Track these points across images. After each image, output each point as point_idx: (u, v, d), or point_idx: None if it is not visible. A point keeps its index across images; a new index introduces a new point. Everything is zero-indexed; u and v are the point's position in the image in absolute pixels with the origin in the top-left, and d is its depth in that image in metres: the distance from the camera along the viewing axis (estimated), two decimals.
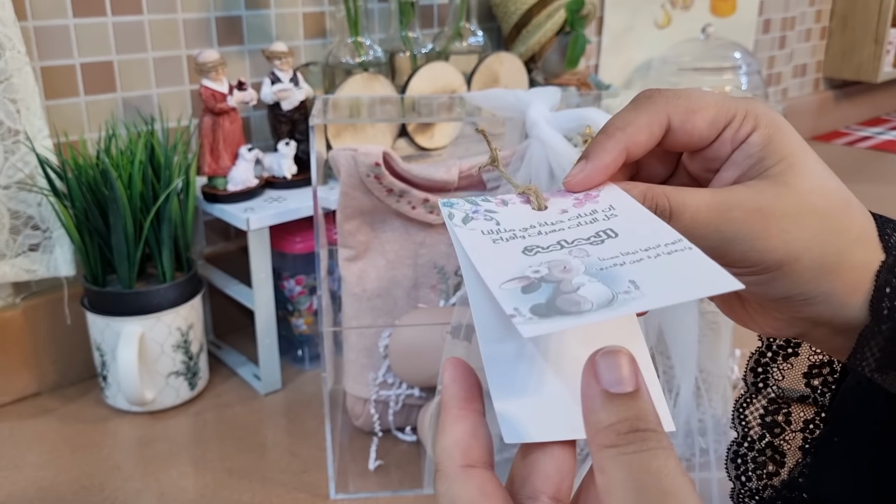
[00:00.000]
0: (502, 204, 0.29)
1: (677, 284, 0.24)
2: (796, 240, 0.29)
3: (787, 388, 0.36)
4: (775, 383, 0.36)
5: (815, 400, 0.35)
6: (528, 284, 0.24)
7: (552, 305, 0.24)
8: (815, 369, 0.35)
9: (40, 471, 0.86)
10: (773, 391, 0.36)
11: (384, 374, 0.88)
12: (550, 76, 1.35)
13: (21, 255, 0.95)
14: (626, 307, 0.23)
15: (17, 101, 0.90)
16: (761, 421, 0.36)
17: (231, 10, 1.10)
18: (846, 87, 2.34)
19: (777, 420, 0.36)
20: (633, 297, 0.24)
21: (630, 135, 0.30)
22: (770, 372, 0.36)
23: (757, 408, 0.36)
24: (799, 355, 0.35)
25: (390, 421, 0.90)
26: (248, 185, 0.99)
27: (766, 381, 0.36)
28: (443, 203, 0.29)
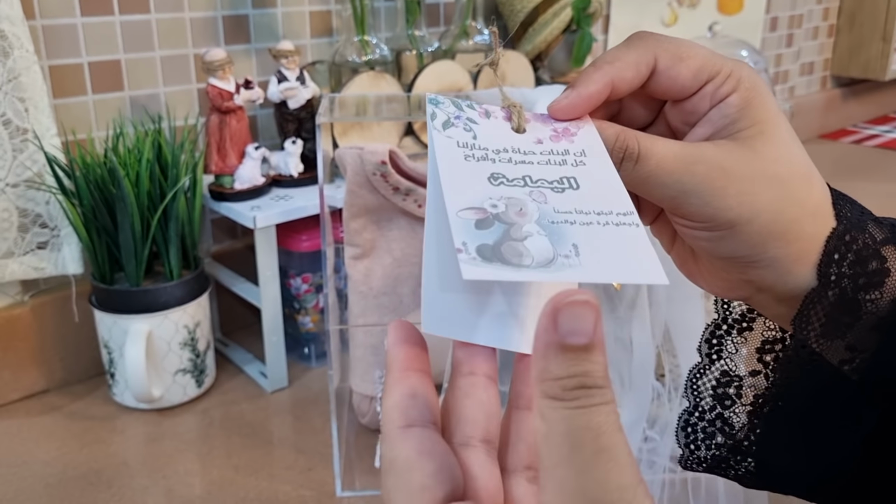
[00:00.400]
0: (484, 115, 0.30)
1: (612, 263, 0.25)
2: (752, 203, 0.30)
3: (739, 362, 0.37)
4: (728, 356, 0.37)
5: (766, 375, 0.36)
6: (483, 219, 0.25)
7: (497, 250, 0.24)
8: (768, 345, 0.36)
9: (48, 467, 0.86)
10: (725, 364, 0.37)
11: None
12: (557, 74, 1.35)
13: (29, 253, 0.95)
14: (560, 273, 0.24)
15: (25, 99, 0.90)
16: (713, 392, 0.37)
17: (238, 8, 1.10)
18: (854, 85, 2.33)
19: (728, 392, 0.36)
20: (571, 264, 0.24)
21: (617, 69, 0.31)
22: (724, 345, 0.37)
23: (710, 379, 0.37)
24: (753, 330, 0.36)
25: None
26: (254, 184, 0.99)
27: (720, 353, 0.37)
28: (429, 98, 0.29)
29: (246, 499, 0.81)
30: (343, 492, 0.82)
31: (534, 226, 0.25)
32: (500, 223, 0.25)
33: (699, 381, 0.37)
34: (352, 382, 0.91)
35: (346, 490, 0.82)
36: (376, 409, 0.90)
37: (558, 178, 0.28)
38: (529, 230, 0.25)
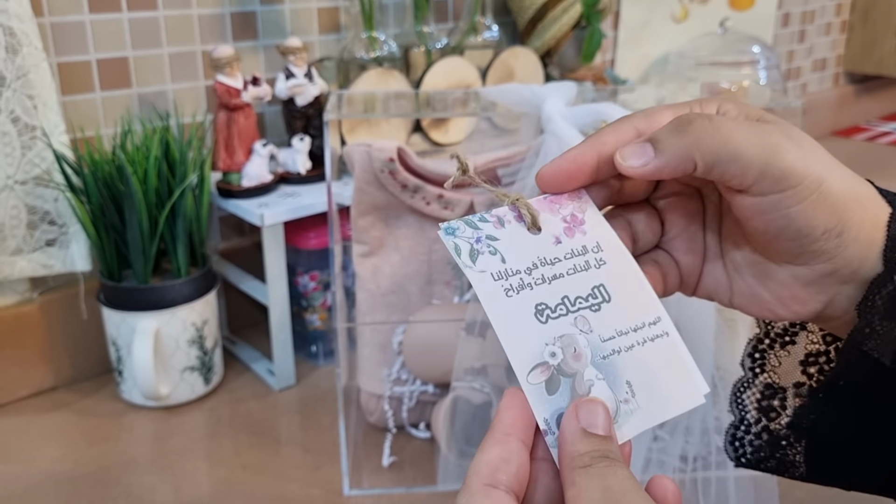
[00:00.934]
0: (499, 224, 0.31)
1: (665, 397, 0.29)
2: (825, 164, 0.30)
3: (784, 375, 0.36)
4: (772, 369, 0.37)
5: (810, 387, 0.36)
6: (549, 379, 0.28)
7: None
8: (812, 357, 0.36)
9: (57, 464, 0.86)
10: (769, 377, 0.37)
11: (398, 371, 0.88)
12: (566, 71, 1.34)
13: (38, 251, 0.95)
14: (627, 426, 0.29)
15: (33, 96, 0.90)
16: (757, 405, 0.37)
17: (245, 5, 1.10)
18: (867, 81, 2.31)
19: (773, 405, 0.36)
20: (632, 409, 0.29)
21: (606, 139, 0.31)
22: (767, 358, 0.37)
23: (754, 392, 0.37)
24: (796, 343, 0.36)
25: (404, 417, 0.90)
26: (262, 181, 0.99)
27: (763, 366, 0.37)
28: (445, 232, 0.30)
29: (254, 497, 0.81)
30: (351, 490, 0.82)
31: (591, 370, 0.29)
32: (564, 377, 0.28)
33: (743, 394, 0.37)
34: (359, 381, 0.91)
35: (354, 489, 0.82)
36: (384, 407, 0.89)
37: (590, 289, 0.30)
38: (590, 377, 0.29)
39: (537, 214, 0.31)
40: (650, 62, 1.68)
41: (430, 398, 0.89)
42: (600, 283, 0.31)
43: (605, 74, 1.35)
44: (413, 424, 0.91)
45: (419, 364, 0.86)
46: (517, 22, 1.35)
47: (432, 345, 0.84)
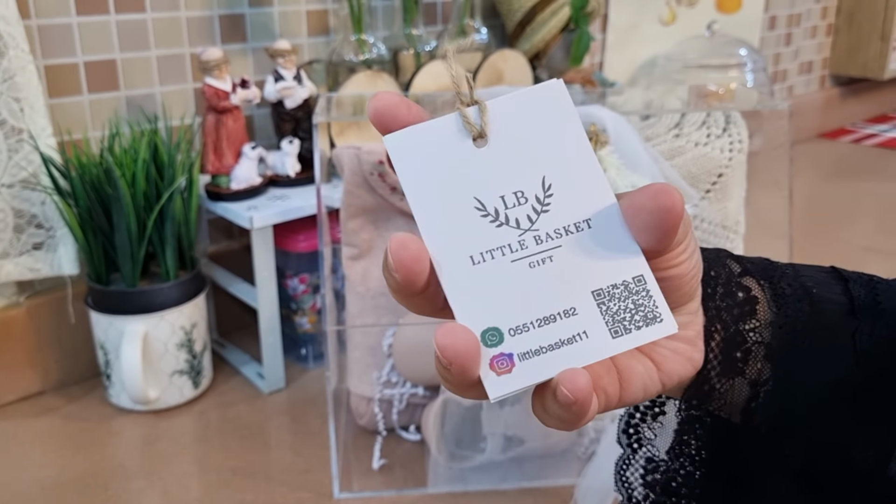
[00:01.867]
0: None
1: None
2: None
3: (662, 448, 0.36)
4: (649, 442, 0.36)
5: (690, 455, 0.34)
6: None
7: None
8: (686, 425, 0.34)
9: (44, 469, 0.86)
10: (648, 450, 0.36)
11: (388, 373, 0.88)
12: (555, 73, 1.35)
13: (25, 254, 0.95)
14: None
15: (20, 99, 0.89)
16: (643, 481, 0.36)
17: (234, 7, 1.09)
18: (852, 84, 2.33)
19: (657, 479, 0.35)
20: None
21: None
22: (642, 432, 0.36)
23: (637, 468, 0.36)
24: (666, 413, 0.35)
25: (394, 420, 0.90)
26: (251, 184, 0.99)
27: (640, 441, 0.36)
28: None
29: (243, 501, 0.80)
30: (341, 493, 0.82)
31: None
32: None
33: (626, 472, 0.36)
34: (349, 383, 0.90)
35: (344, 492, 0.82)
36: (374, 409, 0.89)
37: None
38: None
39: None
40: (638, 65, 1.68)
41: (420, 400, 0.89)
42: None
43: (593, 77, 1.36)
44: (403, 427, 0.91)
45: (409, 366, 0.86)
46: (506, 25, 1.35)
47: (422, 347, 0.84)
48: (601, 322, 0.26)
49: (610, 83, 1.40)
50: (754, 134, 0.93)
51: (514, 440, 0.83)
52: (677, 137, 0.83)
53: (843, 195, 1.76)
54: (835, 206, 1.69)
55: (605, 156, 0.70)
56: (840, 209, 1.67)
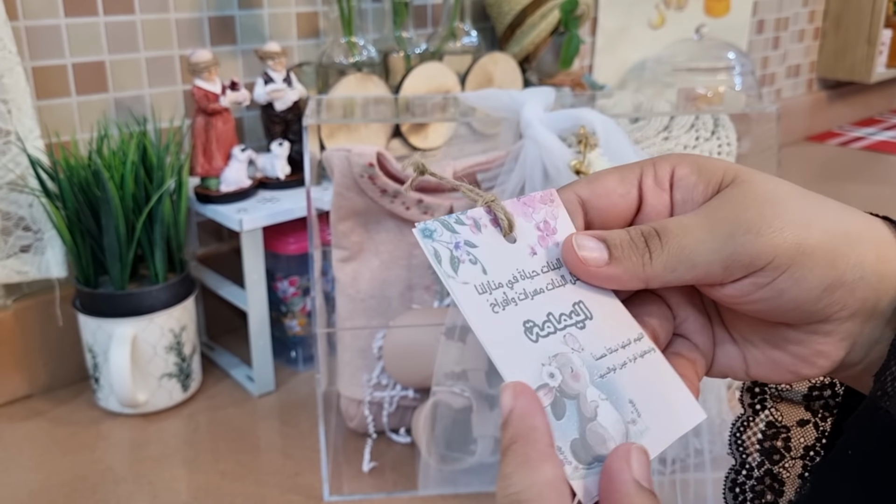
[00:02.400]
0: (475, 228, 0.29)
1: (667, 416, 0.29)
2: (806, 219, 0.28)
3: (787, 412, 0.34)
4: (773, 405, 0.34)
5: (815, 425, 0.33)
6: (554, 402, 0.27)
7: (586, 444, 0.27)
8: (816, 391, 0.33)
9: (32, 473, 0.85)
10: (771, 414, 0.34)
11: (378, 376, 0.88)
12: (545, 76, 1.35)
13: (12, 257, 0.94)
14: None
15: (7, 101, 0.89)
16: (759, 447, 0.34)
17: (224, 9, 1.09)
18: (839, 87, 2.35)
19: (776, 446, 0.34)
20: (641, 431, 0.28)
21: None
22: (768, 391, 0.34)
23: (755, 432, 0.34)
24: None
25: (384, 422, 0.89)
26: (241, 186, 0.99)
27: (764, 402, 0.34)
28: (422, 234, 0.28)
29: None
30: (331, 496, 0.81)
31: (593, 390, 0.28)
32: (568, 399, 0.27)
33: (743, 434, 0.34)
34: (339, 386, 0.90)
35: (334, 495, 0.82)
36: (364, 412, 0.89)
37: (571, 306, 0.29)
38: (593, 398, 0.28)
39: (513, 219, 0.30)
40: (628, 68, 1.69)
41: (411, 403, 0.89)
42: (579, 299, 0.30)
43: (583, 80, 1.36)
44: (393, 429, 0.91)
45: (399, 369, 0.86)
46: (496, 27, 1.36)
47: (412, 349, 0.84)
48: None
49: (599, 86, 1.40)
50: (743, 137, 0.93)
51: None
52: (666, 140, 0.83)
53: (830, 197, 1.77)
54: None
55: (594, 159, 0.71)
56: None
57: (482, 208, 0.30)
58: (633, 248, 0.28)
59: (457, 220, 0.29)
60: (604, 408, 0.27)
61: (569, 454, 0.26)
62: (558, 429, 0.26)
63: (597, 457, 0.26)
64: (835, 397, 0.33)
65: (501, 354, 0.27)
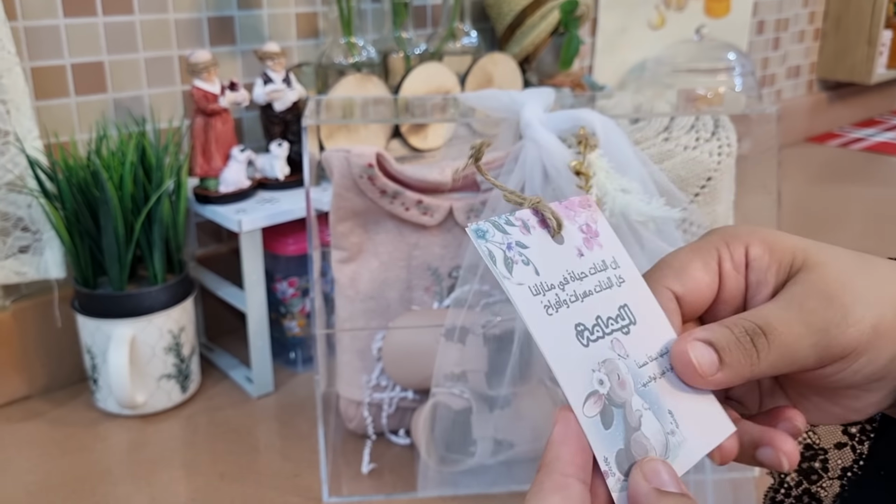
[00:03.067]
0: (525, 229, 0.29)
1: (702, 428, 0.29)
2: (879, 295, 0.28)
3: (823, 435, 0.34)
4: (811, 429, 0.35)
5: (853, 447, 0.34)
6: (603, 410, 0.27)
7: (629, 454, 0.27)
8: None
9: (30, 475, 0.85)
10: (808, 437, 0.35)
11: (377, 377, 0.88)
12: (544, 77, 1.35)
13: (11, 258, 0.94)
14: (679, 460, 0.27)
15: (6, 101, 0.89)
16: (797, 467, 0.35)
17: (223, 10, 1.09)
18: (840, 88, 2.34)
19: (814, 467, 0.34)
20: (679, 442, 0.28)
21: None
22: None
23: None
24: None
25: (384, 424, 0.89)
26: (240, 187, 0.98)
27: None
28: (475, 234, 0.28)
29: None
30: (330, 497, 0.81)
31: (637, 399, 0.28)
32: (616, 408, 0.27)
33: None
34: (338, 387, 0.90)
35: (333, 496, 0.82)
36: (363, 413, 0.89)
37: (617, 309, 0.29)
38: (637, 407, 0.27)
39: (562, 219, 0.29)
40: (627, 68, 1.69)
41: (410, 404, 0.89)
42: (624, 302, 0.29)
43: (582, 80, 1.36)
44: (393, 431, 0.91)
45: (399, 370, 0.86)
46: (496, 28, 1.36)
47: (412, 351, 0.84)
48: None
49: (599, 87, 1.40)
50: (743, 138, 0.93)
51: (503, 444, 0.83)
52: (666, 141, 0.83)
53: (830, 199, 1.77)
54: (822, 209, 1.70)
55: (594, 159, 0.70)
56: (827, 213, 1.68)
57: (529, 210, 0.30)
58: (741, 350, 0.28)
59: (507, 220, 0.29)
60: (647, 417, 0.27)
61: (614, 465, 0.26)
62: (606, 438, 0.26)
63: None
64: (871, 422, 0.34)
65: (557, 359, 0.27)
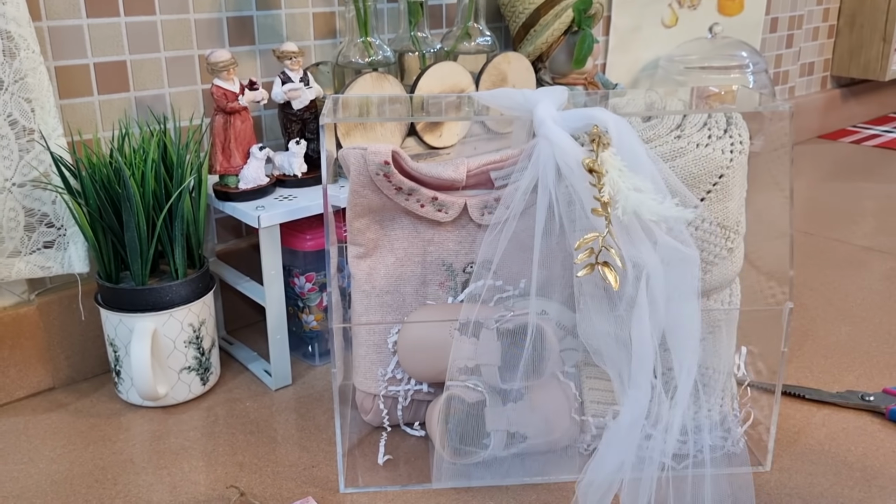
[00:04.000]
0: None
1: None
2: None
3: None
4: None
5: None
6: None
7: None
8: None
9: (54, 464, 0.87)
10: None
11: (393, 370, 0.89)
12: (558, 75, 1.36)
13: (36, 253, 0.96)
14: None
15: (31, 100, 0.91)
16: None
17: (242, 10, 1.11)
18: (854, 85, 2.34)
19: None
20: None
21: None
22: None
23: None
24: None
25: (399, 416, 0.91)
26: (259, 184, 1.00)
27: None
28: None
29: (250, 495, 0.82)
30: (346, 488, 0.83)
31: None
32: None
33: None
34: (355, 380, 0.92)
35: (350, 487, 0.83)
36: (379, 406, 0.90)
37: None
38: None
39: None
40: (640, 67, 1.70)
41: (425, 397, 0.91)
42: None
43: (596, 79, 1.37)
44: (408, 423, 0.92)
45: (413, 363, 0.87)
46: (509, 27, 1.37)
47: (426, 345, 0.85)
48: None
49: (612, 85, 1.41)
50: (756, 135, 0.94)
51: (517, 437, 0.84)
52: (678, 139, 0.84)
53: (843, 195, 1.77)
54: (835, 206, 1.70)
55: (607, 157, 0.71)
56: (840, 209, 1.68)
57: None
58: None
59: None
60: None
61: None
62: None
63: None
64: None
65: None
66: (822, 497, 0.80)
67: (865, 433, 0.91)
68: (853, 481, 0.83)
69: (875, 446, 0.89)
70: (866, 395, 0.96)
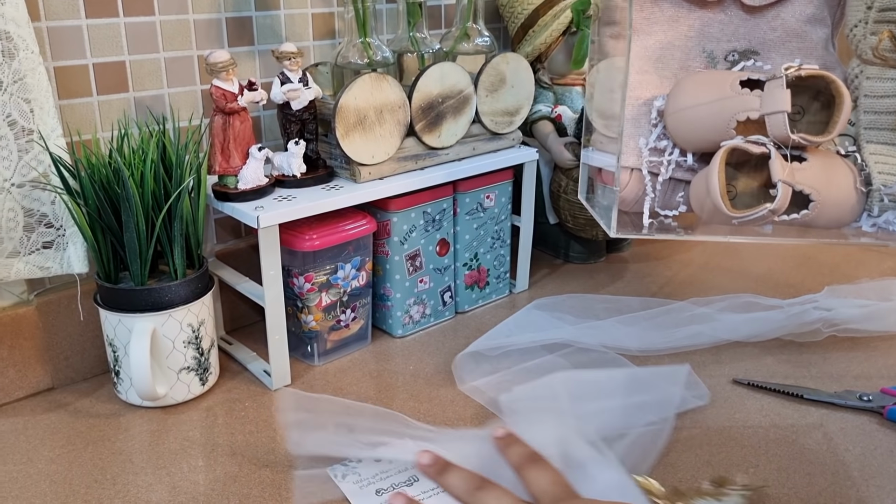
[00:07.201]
0: None
1: None
2: None
3: None
4: None
5: None
6: None
7: None
8: None
9: (53, 464, 0.87)
10: None
11: (656, 140, 0.86)
12: (556, 76, 1.36)
13: (35, 253, 0.96)
14: None
15: (30, 100, 0.91)
16: None
17: (241, 10, 1.11)
18: None
19: None
20: None
21: None
22: None
23: None
24: None
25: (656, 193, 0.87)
26: (258, 184, 1.00)
27: None
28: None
29: (250, 495, 0.82)
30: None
31: None
32: None
33: None
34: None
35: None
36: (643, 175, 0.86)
37: None
38: None
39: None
40: None
41: (684, 175, 0.87)
42: None
43: None
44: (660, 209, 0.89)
45: (681, 128, 0.84)
46: (508, 28, 1.37)
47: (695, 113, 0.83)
48: None
49: None
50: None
51: (799, 197, 0.81)
52: None
53: None
54: None
55: None
56: None
57: None
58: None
59: None
60: None
61: None
62: None
63: None
64: None
65: None
66: (821, 497, 0.80)
67: (863, 433, 0.91)
68: (851, 481, 0.83)
69: (873, 446, 0.89)
70: (864, 394, 0.97)
